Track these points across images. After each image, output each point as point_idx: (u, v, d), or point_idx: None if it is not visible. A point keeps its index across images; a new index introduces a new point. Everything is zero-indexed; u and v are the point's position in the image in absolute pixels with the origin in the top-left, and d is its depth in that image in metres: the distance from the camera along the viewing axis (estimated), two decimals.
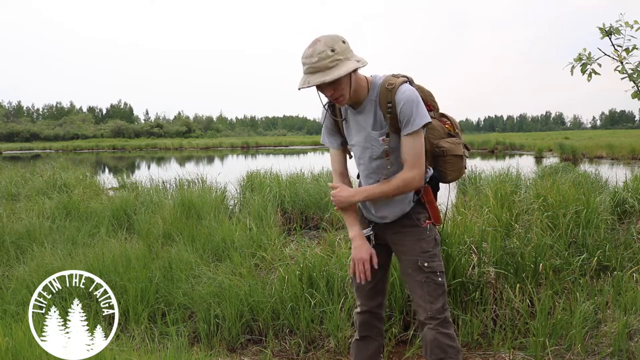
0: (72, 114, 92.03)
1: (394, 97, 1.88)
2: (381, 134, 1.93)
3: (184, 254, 3.81)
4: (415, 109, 1.87)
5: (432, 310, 1.94)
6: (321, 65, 1.76)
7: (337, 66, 1.77)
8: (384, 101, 1.90)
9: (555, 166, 10.14)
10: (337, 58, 1.77)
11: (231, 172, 9.18)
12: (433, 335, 1.94)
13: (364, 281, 2.01)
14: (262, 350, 2.88)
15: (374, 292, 2.14)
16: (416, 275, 1.98)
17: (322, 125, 2.14)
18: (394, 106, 1.88)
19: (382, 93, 1.91)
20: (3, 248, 4.41)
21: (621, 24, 3.34)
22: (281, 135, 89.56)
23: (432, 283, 1.96)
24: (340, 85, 1.82)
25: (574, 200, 4.20)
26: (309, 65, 1.77)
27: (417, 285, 1.98)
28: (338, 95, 1.85)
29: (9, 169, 11.15)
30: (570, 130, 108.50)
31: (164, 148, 48.87)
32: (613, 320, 2.80)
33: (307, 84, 1.78)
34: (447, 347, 1.94)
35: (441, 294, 1.97)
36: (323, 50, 1.76)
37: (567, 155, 20.80)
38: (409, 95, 1.87)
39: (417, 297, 1.99)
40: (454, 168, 2.07)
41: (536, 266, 3.12)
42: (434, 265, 1.98)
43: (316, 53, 1.76)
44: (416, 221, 2.01)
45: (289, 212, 6.44)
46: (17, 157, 33.23)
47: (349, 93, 1.87)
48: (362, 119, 1.96)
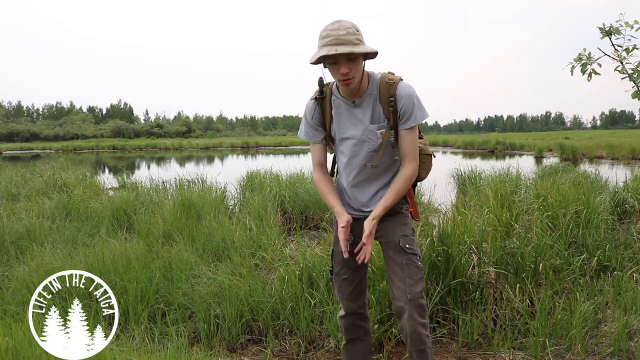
0: (72, 114, 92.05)
1: (395, 91, 1.93)
2: (379, 127, 1.98)
3: (184, 254, 3.81)
4: (417, 103, 1.95)
5: (412, 293, 1.95)
6: (348, 39, 1.79)
7: (361, 45, 1.82)
8: (385, 95, 1.94)
9: (555, 166, 10.13)
10: (360, 38, 1.83)
11: (231, 172, 9.17)
12: (412, 327, 1.95)
13: (346, 255, 1.99)
14: (262, 350, 2.88)
15: (356, 293, 2.16)
16: (398, 257, 2.01)
17: (305, 119, 2.13)
18: (395, 101, 1.93)
19: (383, 87, 1.95)
20: (3, 248, 4.41)
21: (621, 24, 3.34)
22: (281, 135, 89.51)
23: (413, 266, 2.00)
24: (357, 65, 1.86)
25: (574, 200, 4.20)
26: (335, 37, 1.79)
27: (398, 268, 2.00)
28: (352, 75, 1.86)
29: (9, 169, 11.15)
30: (570, 130, 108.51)
31: (164, 148, 48.87)
32: (613, 320, 2.80)
33: (335, 52, 1.77)
34: (425, 337, 1.98)
35: (421, 278, 2.01)
36: (350, 27, 1.82)
37: (567, 155, 20.80)
38: (410, 90, 1.95)
39: (397, 280, 2.00)
40: (425, 167, 2.15)
41: (536, 266, 3.12)
42: (415, 249, 2.03)
43: (343, 27, 1.81)
44: (398, 209, 2.07)
45: (289, 212, 6.43)
46: (17, 157, 33.23)
47: (359, 79, 1.91)
48: (360, 113, 1.99)
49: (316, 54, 1.83)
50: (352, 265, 2.09)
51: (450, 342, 2.82)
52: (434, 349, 2.75)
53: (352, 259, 2.06)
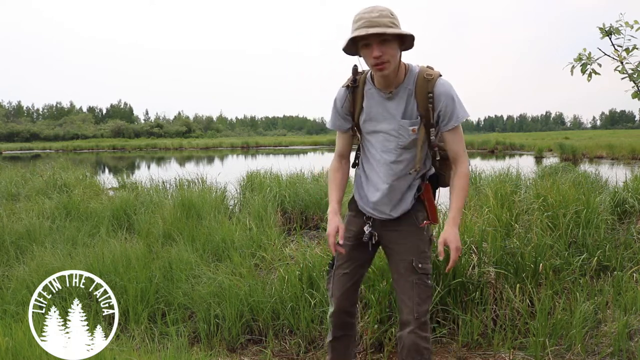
0: (72, 114, 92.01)
1: (433, 88, 1.86)
2: (412, 123, 1.90)
3: (184, 254, 3.80)
4: (457, 102, 1.89)
5: (418, 312, 1.93)
6: (382, 22, 1.73)
7: (395, 27, 1.75)
8: (423, 91, 1.86)
9: (555, 166, 10.13)
10: (395, 22, 1.77)
11: (231, 172, 9.17)
12: (412, 339, 1.93)
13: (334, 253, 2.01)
14: (262, 350, 2.88)
15: (352, 290, 2.13)
16: (408, 276, 1.96)
17: (334, 107, 2.04)
18: (434, 98, 1.86)
19: (420, 83, 1.87)
20: (3, 248, 4.41)
21: (621, 24, 3.34)
22: (281, 135, 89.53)
23: (423, 285, 1.95)
24: (391, 49, 1.78)
25: (574, 200, 4.20)
26: (368, 20, 1.73)
27: (408, 286, 1.96)
28: (386, 59, 1.77)
29: (9, 169, 11.14)
30: (570, 130, 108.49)
31: (164, 148, 48.85)
32: (613, 320, 2.80)
33: (366, 32, 1.71)
34: (424, 350, 1.95)
35: (429, 296, 1.98)
36: (384, 10, 1.76)
37: (567, 155, 20.81)
38: (449, 88, 1.88)
39: (405, 297, 1.97)
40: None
41: (536, 266, 3.12)
42: (427, 267, 1.98)
43: (377, 10, 1.76)
44: (415, 220, 2.00)
45: (289, 212, 6.43)
46: (17, 157, 33.23)
47: (395, 66, 1.83)
48: (393, 106, 1.91)
49: (347, 38, 1.79)
50: (356, 259, 2.08)
51: (450, 342, 2.82)
52: (434, 349, 2.75)
53: (357, 254, 2.05)
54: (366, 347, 2.74)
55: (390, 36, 1.75)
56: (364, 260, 2.13)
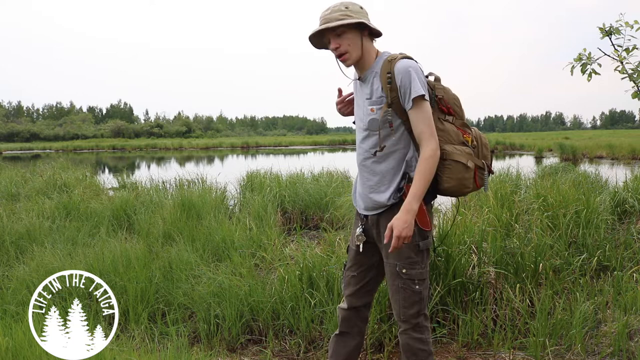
0: (72, 114, 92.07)
1: (393, 67, 1.87)
2: (371, 102, 1.91)
3: (184, 254, 3.80)
4: (414, 79, 1.82)
5: (405, 315, 1.94)
6: (332, 17, 1.85)
7: (345, 19, 1.84)
8: (384, 72, 1.89)
9: (555, 166, 10.13)
10: (348, 14, 1.85)
11: (231, 172, 9.16)
12: (405, 340, 1.97)
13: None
14: (262, 350, 2.88)
15: (363, 292, 2.11)
16: (394, 280, 1.94)
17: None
18: (393, 77, 1.86)
19: (384, 65, 1.91)
20: (3, 248, 4.41)
21: (621, 24, 3.34)
22: (281, 135, 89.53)
23: (409, 290, 1.92)
24: (344, 40, 1.87)
25: (574, 200, 4.21)
26: (322, 17, 1.88)
27: (394, 290, 1.96)
28: (343, 51, 1.88)
29: (9, 169, 11.13)
30: (570, 130, 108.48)
31: (164, 148, 48.84)
32: (613, 320, 2.80)
33: (314, 30, 1.87)
34: (418, 350, 1.95)
35: (417, 301, 1.93)
36: (338, 4, 1.87)
37: (567, 155, 20.80)
38: (406, 66, 1.84)
39: (393, 300, 1.99)
40: (451, 175, 1.87)
41: (536, 266, 3.12)
42: (413, 273, 1.90)
43: (332, 7, 1.87)
44: None
45: (289, 212, 6.43)
46: (17, 157, 33.23)
47: (357, 54, 1.90)
48: (363, 90, 1.98)
49: (308, 39, 1.93)
50: (362, 264, 2.08)
51: (450, 342, 2.82)
52: (434, 349, 2.74)
53: (364, 258, 2.05)
54: (366, 347, 2.74)
55: (344, 28, 1.85)
56: (370, 264, 2.08)
